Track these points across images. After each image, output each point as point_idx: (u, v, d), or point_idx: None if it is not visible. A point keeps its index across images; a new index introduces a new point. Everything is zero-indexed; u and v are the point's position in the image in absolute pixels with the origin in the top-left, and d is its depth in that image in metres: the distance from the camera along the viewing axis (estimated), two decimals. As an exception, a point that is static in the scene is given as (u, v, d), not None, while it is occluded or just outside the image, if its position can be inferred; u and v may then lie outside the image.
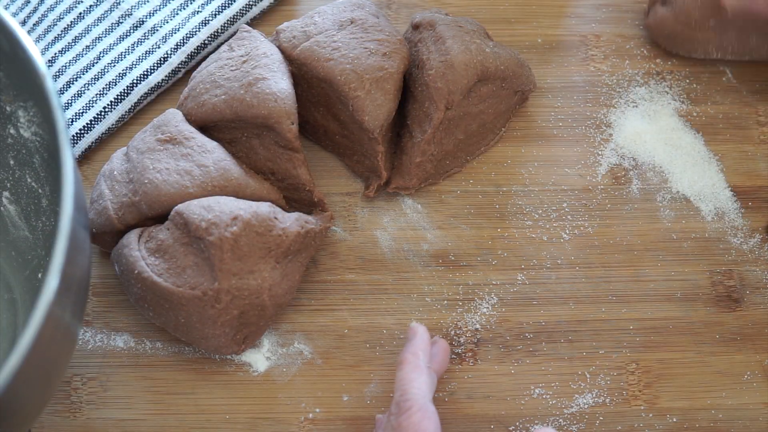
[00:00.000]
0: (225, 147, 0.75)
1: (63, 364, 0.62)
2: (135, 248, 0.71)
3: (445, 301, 0.75)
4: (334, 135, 0.78)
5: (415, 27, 0.78)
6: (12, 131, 0.68)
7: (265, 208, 0.70)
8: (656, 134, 0.81)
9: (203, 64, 0.78)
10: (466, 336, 0.74)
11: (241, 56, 0.76)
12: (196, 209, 0.69)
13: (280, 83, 0.73)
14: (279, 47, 0.77)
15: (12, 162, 0.70)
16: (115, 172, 0.74)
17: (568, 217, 0.78)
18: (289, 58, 0.76)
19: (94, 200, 0.74)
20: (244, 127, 0.75)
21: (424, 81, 0.75)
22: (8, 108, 0.67)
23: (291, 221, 0.71)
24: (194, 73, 0.77)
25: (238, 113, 0.73)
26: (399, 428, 0.62)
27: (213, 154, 0.73)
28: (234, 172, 0.73)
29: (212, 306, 0.68)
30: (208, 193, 0.72)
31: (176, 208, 0.70)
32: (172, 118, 0.75)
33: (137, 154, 0.73)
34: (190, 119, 0.75)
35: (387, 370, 0.73)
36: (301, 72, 0.76)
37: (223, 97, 0.74)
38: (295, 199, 0.77)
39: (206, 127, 0.76)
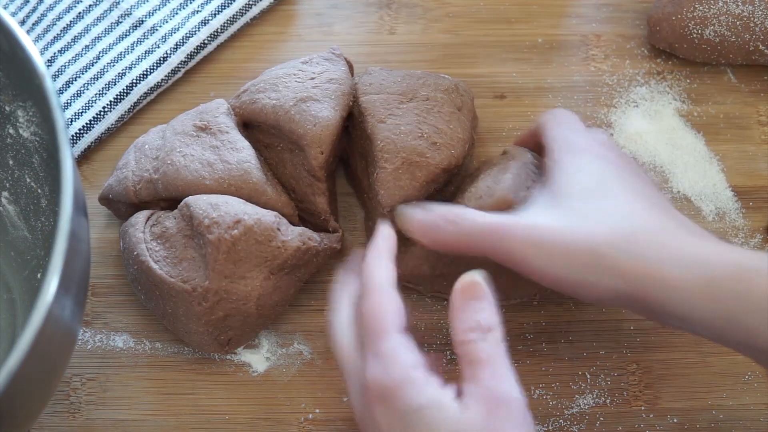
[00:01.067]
0: (261, 150, 0.75)
1: (62, 365, 0.61)
2: (140, 229, 0.71)
3: (445, 302, 0.75)
4: (362, 192, 0.78)
5: None
6: (11, 131, 0.68)
7: (270, 217, 0.70)
8: (657, 134, 0.81)
9: (278, 66, 0.77)
10: (466, 336, 0.74)
11: (313, 73, 0.76)
12: (203, 204, 0.69)
13: (326, 111, 0.73)
14: (355, 86, 0.77)
15: (11, 162, 0.70)
16: (147, 146, 0.74)
17: (569, 217, 0.78)
18: (356, 101, 0.76)
19: (119, 167, 0.75)
20: (281, 138, 0.74)
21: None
22: (7, 108, 0.67)
23: (293, 235, 0.71)
24: (265, 71, 0.77)
25: (279, 122, 0.73)
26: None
27: (240, 154, 0.73)
28: (254, 176, 0.72)
29: (199, 303, 0.68)
30: (224, 190, 0.72)
31: (186, 199, 0.70)
32: (215, 107, 0.75)
33: (172, 134, 0.74)
34: (238, 112, 0.75)
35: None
36: (358, 120, 0.76)
37: (274, 101, 0.74)
38: (311, 222, 0.76)
39: (251, 125, 0.76)
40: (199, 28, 0.83)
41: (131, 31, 0.83)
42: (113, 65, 0.82)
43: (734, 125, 0.82)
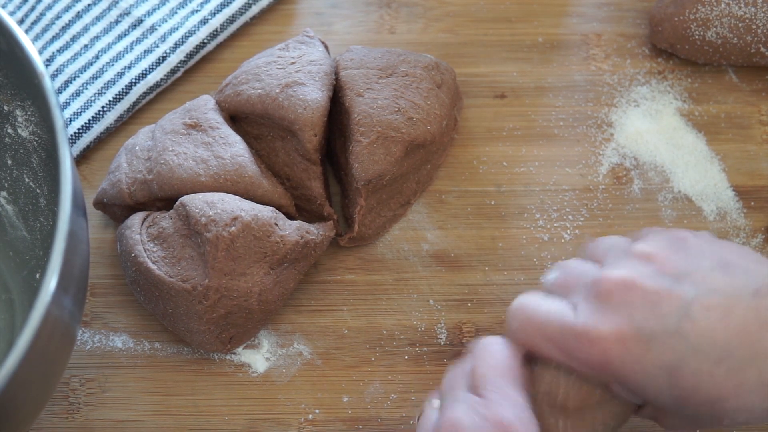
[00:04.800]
0: (250, 142, 0.75)
1: (61, 365, 0.61)
2: (137, 231, 0.71)
3: (445, 302, 0.75)
4: (340, 169, 0.78)
5: None
6: (10, 131, 0.68)
7: (267, 213, 0.70)
8: (658, 134, 0.81)
9: (255, 56, 0.78)
10: (466, 336, 0.74)
11: (292, 57, 0.76)
12: (199, 203, 0.69)
13: (314, 93, 0.73)
14: (336, 62, 0.77)
15: (10, 162, 0.70)
16: (137, 147, 0.74)
17: (569, 217, 0.78)
18: (336, 76, 0.76)
19: (111, 171, 0.75)
20: (271, 126, 0.75)
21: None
22: (6, 107, 0.67)
23: (291, 230, 0.71)
24: (244, 63, 0.77)
25: (268, 111, 0.73)
26: None
27: (233, 148, 0.73)
28: (249, 170, 0.72)
29: (199, 302, 0.68)
30: (220, 186, 0.72)
31: (181, 199, 0.70)
32: (203, 104, 0.75)
33: (162, 133, 0.74)
34: (224, 106, 0.75)
35: (387, 371, 0.73)
36: (338, 95, 0.76)
37: (259, 91, 0.74)
38: (306, 209, 0.76)
39: (238, 118, 0.76)
40: (198, 27, 0.82)
41: (130, 30, 0.83)
42: (112, 64, 0.81)
43: (735, 125, 0.81)
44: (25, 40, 0.59)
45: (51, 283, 0.52)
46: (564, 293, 0.59)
